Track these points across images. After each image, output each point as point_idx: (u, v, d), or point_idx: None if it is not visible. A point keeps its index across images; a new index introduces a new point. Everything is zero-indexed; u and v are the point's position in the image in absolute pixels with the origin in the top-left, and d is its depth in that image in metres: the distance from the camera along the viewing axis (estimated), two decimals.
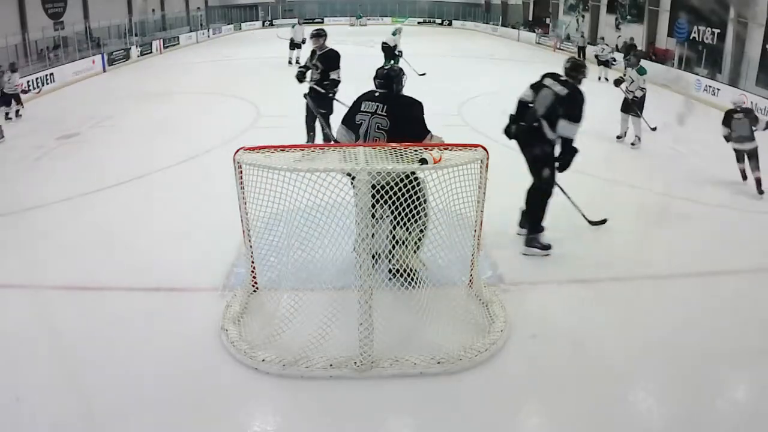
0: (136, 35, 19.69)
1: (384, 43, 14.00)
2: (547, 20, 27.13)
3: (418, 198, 3.48)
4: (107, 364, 3.52)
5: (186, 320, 4.01)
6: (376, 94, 4.20)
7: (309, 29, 14.89)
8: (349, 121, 4.23)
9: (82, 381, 3.38)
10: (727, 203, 6.31)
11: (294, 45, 14.80)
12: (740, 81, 13.32)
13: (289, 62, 15.10)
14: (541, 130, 4.86)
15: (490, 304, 4.07)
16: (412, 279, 3.74)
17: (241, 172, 3.76)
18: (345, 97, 5.79)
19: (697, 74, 14.27)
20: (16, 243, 5.23)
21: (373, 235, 3.27)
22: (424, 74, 11.30)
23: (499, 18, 31.96)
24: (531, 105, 5.04)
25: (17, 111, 10.03)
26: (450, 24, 35.57)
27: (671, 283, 4.66)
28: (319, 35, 7.32)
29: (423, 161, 3.39)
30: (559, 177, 5.11)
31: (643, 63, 15.84)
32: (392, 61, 13.15)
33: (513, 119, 5.14)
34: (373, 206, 3.34)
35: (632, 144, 8.91)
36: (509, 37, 28.19)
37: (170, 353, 3.63)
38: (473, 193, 3.73)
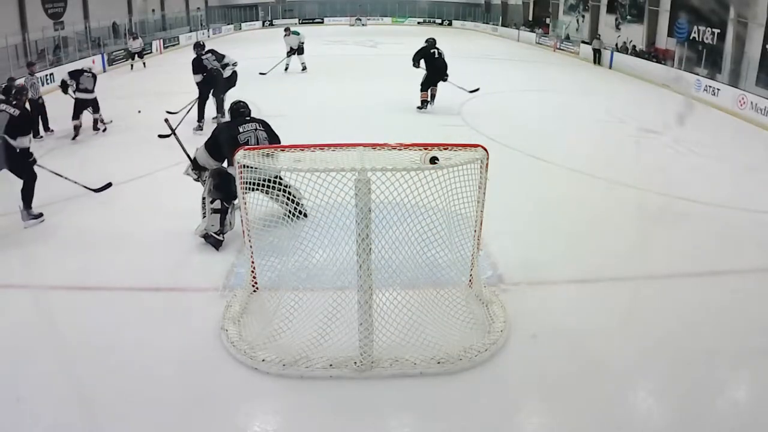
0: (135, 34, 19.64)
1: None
2: (547, 20, 27.12)
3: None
4: (107, 364, 3.53)
5: (186, 320, 4.02)
6: (247, 118, 5.28)
7: (295, 37, 15.15)
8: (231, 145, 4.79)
9: (82, 381, 3.39)
10: (727, 203, 6.31)
11: (291, 52, 15.22)
12: (740, 81, 13.30)
13: (285, 69, 15.37)
14: None
15: (490, 304, 4.07)
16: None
17: (242, 172, 3.77)
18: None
19: (697, 74, 14.26)
20: (16, 243, 5.23)
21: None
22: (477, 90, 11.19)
23: (499, 18, 31.93)
24: None
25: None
26: (450, 24, 35.55)
27: (671, 283, 4.66)
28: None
29: (434, 160, 3.40)
30: None
31: (643, 62, 15.85)
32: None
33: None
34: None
35: None
36: (509, 38, 28.19)
37: (170, 353, 3.64)
38: (473, 193, 3.73)
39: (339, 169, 3.30)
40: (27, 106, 8.02)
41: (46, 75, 13.49)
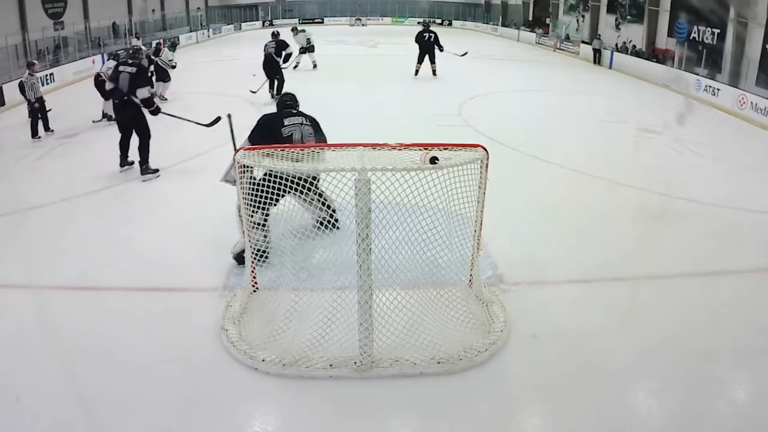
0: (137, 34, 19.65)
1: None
2: (547, 20, 27.12)
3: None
4: (107, 364, 3.53)
5: (186, 320, 4.02)
6: (293, 111, 4.90)
7: (303, 35, 15.24)
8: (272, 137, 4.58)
9: (82, 381, 3.39)
10: (727, 203, 6.31)
11: (303, 50, 15.50)
12: (740, 81, 13.30)
13: (295, 66, 15.58)
14: None
15: (490, 304, 4.07)
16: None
17: (242, 172, 3.77)
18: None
19: (697, 74, 14.27)
20: (16, 243, 5.23)
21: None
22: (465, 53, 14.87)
23: (499, 18, 31.94)
24: None
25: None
26: (450, 24, 35.55)
27: (671, 283, 4.66)
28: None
29: (434, 160, 3.40)
30: None
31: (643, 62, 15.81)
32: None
33: None
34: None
35: None
36: (509, 37, 28.20)
37: (170, 353, 3.64)
38: (473, 193, 3.73)
39: (339, 169, 3.31)
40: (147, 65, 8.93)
41: (46, 75, 13.49)
